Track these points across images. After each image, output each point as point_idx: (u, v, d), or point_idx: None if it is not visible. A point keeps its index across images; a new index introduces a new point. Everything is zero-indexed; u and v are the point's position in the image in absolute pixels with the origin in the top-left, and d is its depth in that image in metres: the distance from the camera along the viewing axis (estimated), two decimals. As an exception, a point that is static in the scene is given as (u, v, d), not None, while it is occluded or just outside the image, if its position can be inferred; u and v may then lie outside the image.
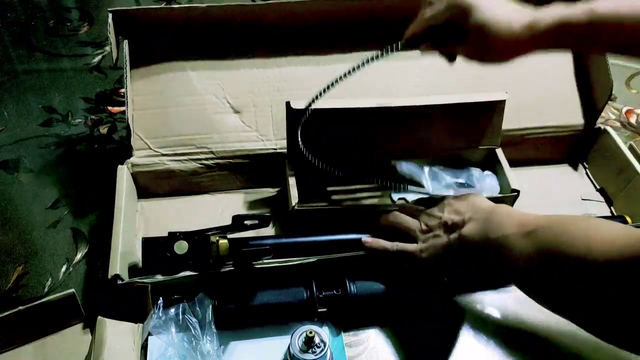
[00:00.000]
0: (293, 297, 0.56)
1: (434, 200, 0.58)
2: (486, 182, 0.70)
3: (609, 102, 0.90)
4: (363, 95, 0.70)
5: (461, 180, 0.70)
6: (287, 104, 0.62)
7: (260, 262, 0.56)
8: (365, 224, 0.60)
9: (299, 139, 0.60)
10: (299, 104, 0.61)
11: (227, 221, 0.56)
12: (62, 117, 0.81)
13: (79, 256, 0.64)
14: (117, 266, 0.54)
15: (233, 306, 0.55)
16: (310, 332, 0.51)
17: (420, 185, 0.68)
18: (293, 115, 0.61)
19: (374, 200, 0.70)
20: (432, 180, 0.69)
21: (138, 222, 0.67)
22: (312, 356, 0.50)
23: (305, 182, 0.66)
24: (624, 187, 0.70)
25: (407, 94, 0.72)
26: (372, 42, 0.75)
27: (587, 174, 0.77)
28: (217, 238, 0.56)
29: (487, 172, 0.71)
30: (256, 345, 0.55)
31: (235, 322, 0.56)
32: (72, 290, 0.53)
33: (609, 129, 0.74)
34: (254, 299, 0.55)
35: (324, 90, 0.56)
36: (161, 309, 0.53)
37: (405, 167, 0.69)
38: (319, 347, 0.51)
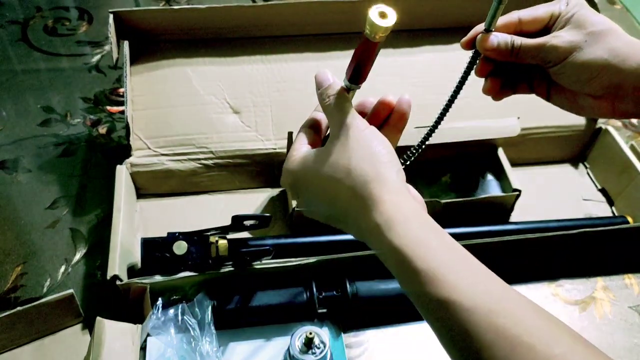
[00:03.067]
0: (293, 298, 0.56)
1: None
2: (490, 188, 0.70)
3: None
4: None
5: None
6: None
7: (260, 262, 0.56)
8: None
9: None
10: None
11: (227, 221, 0.55)
12: (61, 117, 0.81)
13: (77, 256, 0.64)
14: (116, 266, 0.53)
15: (233, 307, 0.54)
16: (310, 333, 0.51)
17: None
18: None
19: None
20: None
21: (137, 222, 0.66)
22: (312, 357, 0.50)
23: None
24: (625, 188, 0.70)
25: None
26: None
27: (588, 174, 0.77)
28: (217, 238, 0.56)
29: (489, 177, 0.71)
30: (256, 346, 0.55)
31: (235, 323, 0.56)
32: (71, 290, 0.53)
33: (610, 128, 0.74)
34: (254, 300, 0.55)
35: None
36: (160, 309, 0.53)
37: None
38: (318, 348, 0.51)
